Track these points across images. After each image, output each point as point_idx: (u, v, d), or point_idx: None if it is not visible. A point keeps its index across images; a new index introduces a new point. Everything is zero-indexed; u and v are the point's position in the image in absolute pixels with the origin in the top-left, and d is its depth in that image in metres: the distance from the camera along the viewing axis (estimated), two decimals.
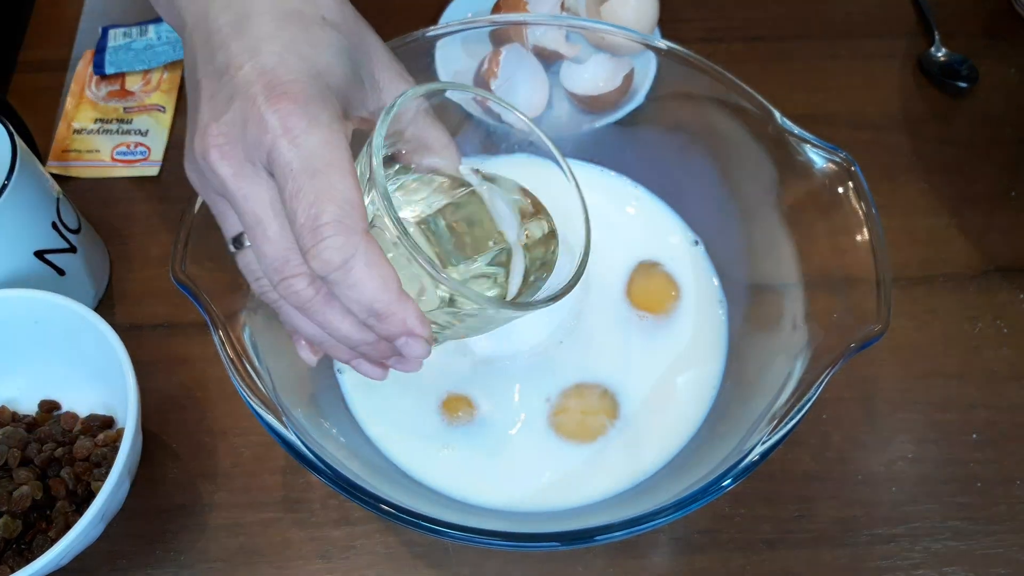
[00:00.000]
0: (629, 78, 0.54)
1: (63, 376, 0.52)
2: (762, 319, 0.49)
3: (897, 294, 0.51)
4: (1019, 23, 0.69)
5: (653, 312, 0.51)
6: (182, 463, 0.52)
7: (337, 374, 0.50)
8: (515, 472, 0.47)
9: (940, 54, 0.68)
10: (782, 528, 0.49)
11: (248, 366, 0.39)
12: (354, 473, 0.38)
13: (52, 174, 0.60)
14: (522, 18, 0.55)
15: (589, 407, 0.48)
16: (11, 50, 0.70)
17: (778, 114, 0.45)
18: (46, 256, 0.52)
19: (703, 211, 0.54)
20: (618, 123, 0.55)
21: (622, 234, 0.54)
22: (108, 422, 0.51)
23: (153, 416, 0.53)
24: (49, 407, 0.52)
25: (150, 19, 0.70)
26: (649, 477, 0.46)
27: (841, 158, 0.43)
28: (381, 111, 0.36)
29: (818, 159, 0.44)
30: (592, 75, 0.56)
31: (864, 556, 0.49)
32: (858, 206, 0.42)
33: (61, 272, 0.53)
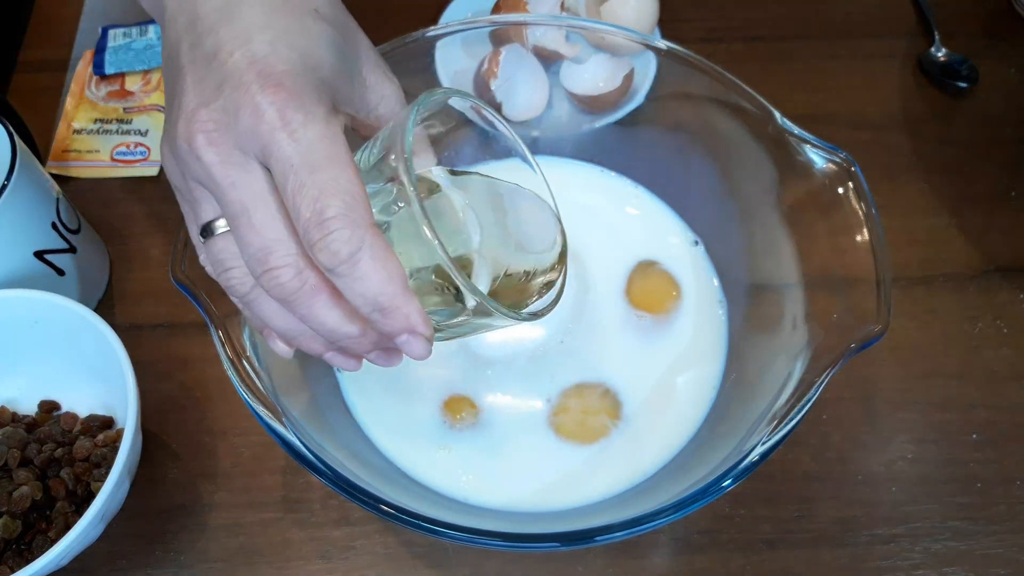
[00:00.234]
0: (629, 78, 0.54)
1: (63, 376, 0.52)
2: (762, 319, 0.49)
3: (897, 294, 0.51)
4: (1019, 23, 0.69)
5: (653, 312, 0.52)
6: (182, 463, 0.52)
7: (337, 374, 0.50)
8: (515, 472, 0.47)
9: (940, 54, 0.68)
10: (782, 528, 0.49)
11: (248, 366, 0.39)
12: (354, 473, 0.38)
13: (52, 174, 0.60)
14: (522, 18, 0.55)
15: (590, 407, 0.48)
16: (11, 50, 0.70)
17: (778, 114, 0.45)
18: (46, 256, 0.52)
19: (703, 211, 0.54)
20: (618, 123, 0.55)
21: (622, 234, 0.54)
22: (108, 422, 0.51)
23: (153, 416, 0.53)
24: (49, 407, 0.52)
25: (150, 19, 0.70)
26: (649, 477, 0.46)
27: (841, 158, 0.43)
28: (367, 107, 0.35)
29: (818, 159, 0.44)
30: (592, 75, 0.56)
31: (864, 556, 0.49)
32: (858, 206, 0.42)
33: (61, 272, 0.53)
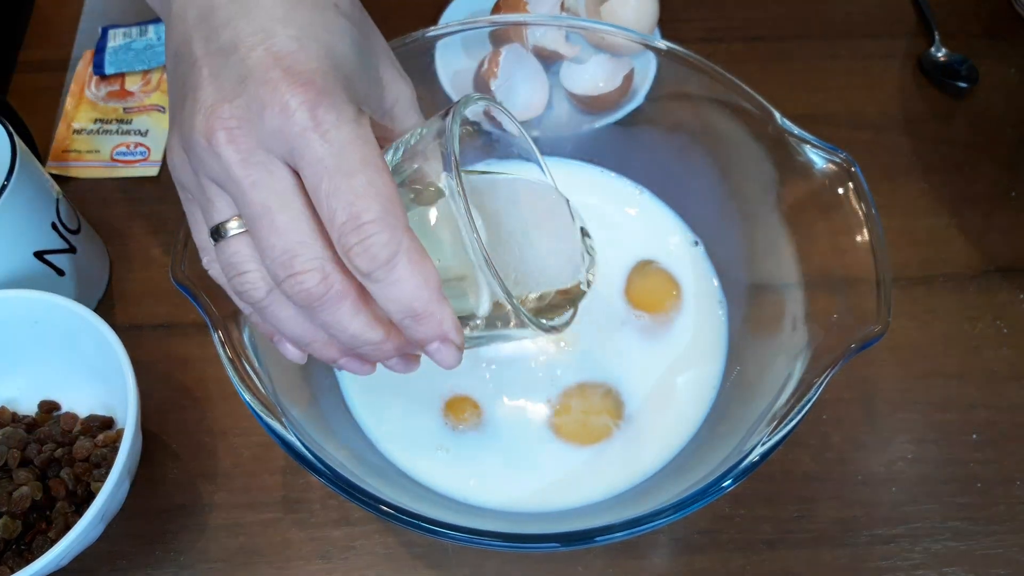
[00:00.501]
0: (629, 78, 0.54)
1: (63, 376, 0.51)
2: (762, 319, 0.49)
3: (897, 294, 0.51)
4: (1019, 23, 0.69)
5: (653, 312, 0.51)
6: (182, 463, 0.52)
7: (337, 374, 0.50)
8: (515, 473, 0.47)
9: (940, 54, 0.68)
10: (782, 528, 0.49)
11: (248, 366, 0.39)
12: (353, 474, 0.38)
13: (52, 174, 0.60)
14: (522, 18, 0.55)
15: (592, 407, 0.48)
16: (11, 50, 0.70)
17: (778, 114, 0.45)
18: (46, 256, 0.52)
19: (703, 211, 0.54)
20: (618, 123, 0.55)
21: (622, 234, 0.54)
22: (108, 422, 0.51)
23: (153, 416, 0.52)
24: (49, 408, 0.52)
25: (150, 19, 0.70)
26: (649, 478, 0.46)
27: (841, 158, 0.43)
28: (381, 108, 0.35)
29: (818, 159, 0.44)
30: (592, 75, 0.56)
31: (864, 556, 0.49)
32: (858, 206, 0.42)
33: (61, 272, 0.53)
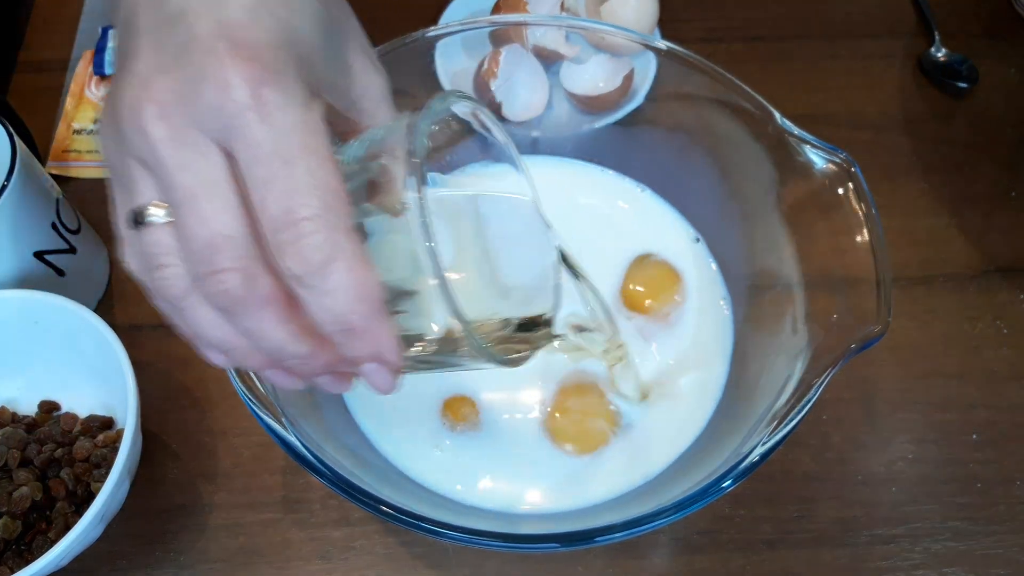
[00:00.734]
0: (629, 78, 0.54)
1: (63, 377, 0.51)
2: (762, 320, 0.49)
3: (897, 294, 0.51)
4: (1019, 23, 0.69)
5: (654, 312, 0.51)
6: (182, 463, 0.52)
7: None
8: (515, 473, 0.47)
9: (940, 54, 0.68)
10: (782, 528, 0.49)
11: None
12: (353, 474, 0.38)
13: (52, 175, 0.60)
14: (522, 18, 0.55)
15: (590, 408, 0.48)
16: (11, 50, 0.70)
17: (778, 114, 0.45)
18: (46, 257, 0.52)
19: (703, 212, 0.54)
20: (618, 123, 0.55)
21: (621, 233, 0.54)
22: (108, 423, 0.51)
23: (153, 416, 0.52)
24: (49, 408, 0.52)
25: None
26: (650, 479, 0.46)
27: (841, 158, 0.43)
28: (347, 98, 0.31)
29: (818, 159, 0.44)
30: (592, 75, 0.56)
31: (864, 556, 0.49)
32: (858, 206, 0.42)
33: (61, 273, 0.53)
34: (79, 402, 0.52)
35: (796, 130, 0.44)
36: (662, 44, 0.49)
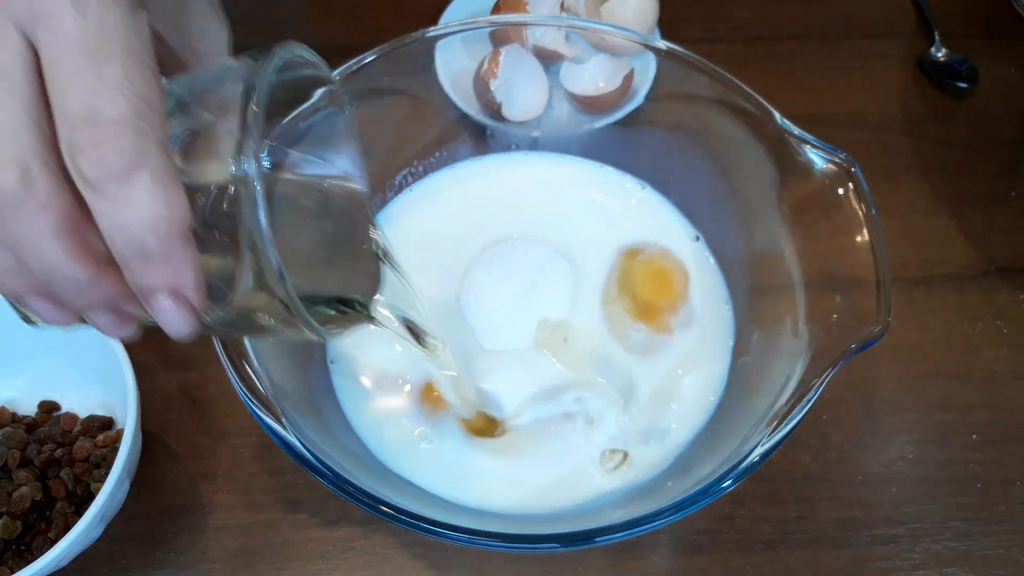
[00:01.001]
0: (629, 78, 0.54)
1: (63, 377, 0.51)
2: (763, 320, 0.49)
3: (897, 294, 0.51)
4: (1019, 23, 0.69)
5: (665, 314, 0.51)
6: (182, 464, 0.52)
7: (330, 367, 0.50)
8: (515, 473, 0.47)
9: (940, 54, 0.68)
10: (782, 529, 0.49)
11: (247, 367, 0.39)
12: (353, 474, 0.38)
13: None
14: (522, 18, 0.55)
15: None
16: None
17: (778, 115, 0.45)
18: None
19: (703, 212, 0.54)
20: (618, 123, 0.55)
21: (621, 233, 0.54)
22: (108, 423, 0.51)
23: (153, 416, 0.52)
24: (49, 408, 0.52)
25: None
26: (650, 478, 0.46)
27: (841, 159, 0.43)
28: (182, 35, 0.29)
29: (818, 160, 0.44)
30: (592, 75, 0.56)
31: (864, 557, 0.49)
32: (858, 207, 0.42)
33: None
34: (79, 402, 0.52)
35: (796, 130, 0.44)
36: (662, 44, 0.49)
